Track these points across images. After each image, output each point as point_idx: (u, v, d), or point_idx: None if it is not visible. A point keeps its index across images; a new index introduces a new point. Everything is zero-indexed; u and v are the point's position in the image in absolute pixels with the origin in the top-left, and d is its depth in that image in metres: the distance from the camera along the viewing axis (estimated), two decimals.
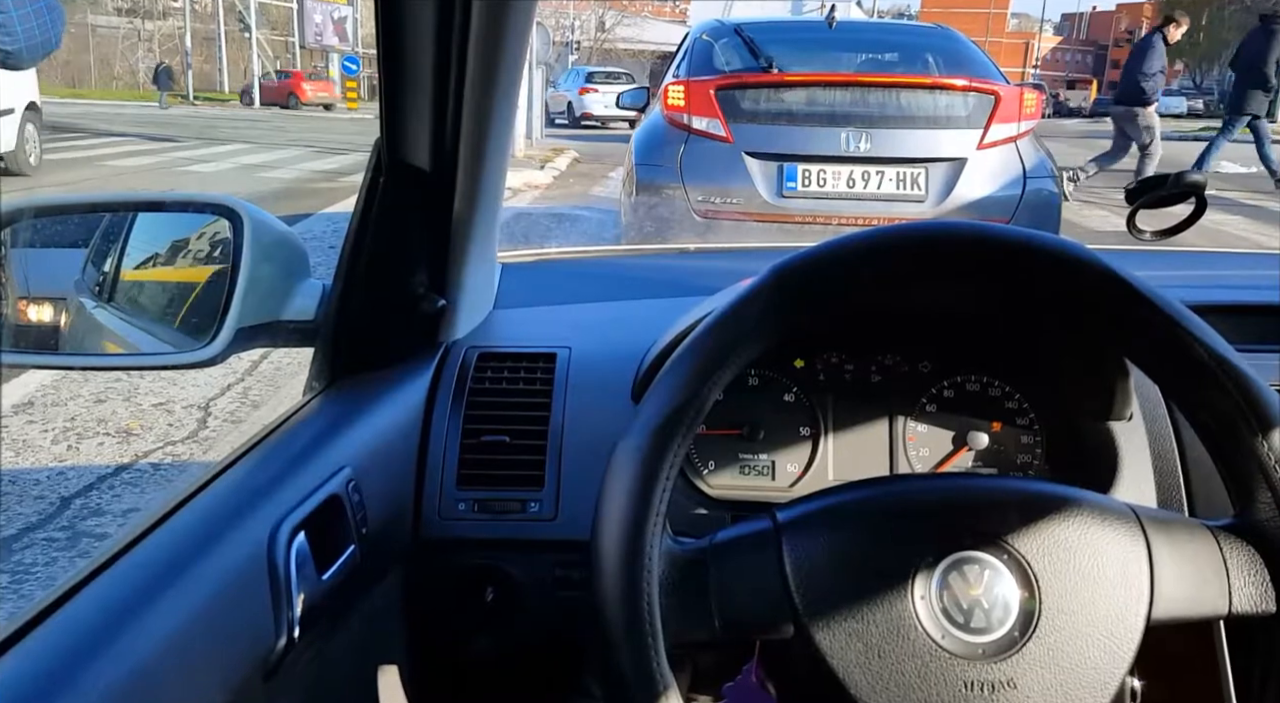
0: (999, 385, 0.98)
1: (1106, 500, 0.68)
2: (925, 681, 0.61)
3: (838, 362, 0.99)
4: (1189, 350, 0.64)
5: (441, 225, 0.92)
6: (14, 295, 1.00)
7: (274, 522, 0.68)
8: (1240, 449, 0.65)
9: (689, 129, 3.75)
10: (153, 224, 1.02)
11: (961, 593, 0.63)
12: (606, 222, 7.19)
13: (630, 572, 0.60)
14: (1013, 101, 3.70)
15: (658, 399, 0.64)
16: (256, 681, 0.64)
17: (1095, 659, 0.62)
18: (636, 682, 0.59)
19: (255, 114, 24.40)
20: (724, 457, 0.98)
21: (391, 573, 0.88)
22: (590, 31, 38.26)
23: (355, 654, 0.82)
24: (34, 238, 0.98)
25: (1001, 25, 64.85)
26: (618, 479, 0.63)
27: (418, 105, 0.82)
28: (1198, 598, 0.65)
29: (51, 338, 1.06)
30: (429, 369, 0.98)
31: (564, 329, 1.09)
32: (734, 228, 3.65)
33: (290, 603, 0.66)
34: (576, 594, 0.91)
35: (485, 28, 0.77)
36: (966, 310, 0.92)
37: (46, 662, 0.53)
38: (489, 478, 0.92)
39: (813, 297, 0.66)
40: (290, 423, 0.85)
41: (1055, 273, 0.66)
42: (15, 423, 3.26)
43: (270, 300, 0.89)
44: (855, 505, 0.67)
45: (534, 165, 10.95)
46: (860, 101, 3.70)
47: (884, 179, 3.64)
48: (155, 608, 0.58)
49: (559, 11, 35.08)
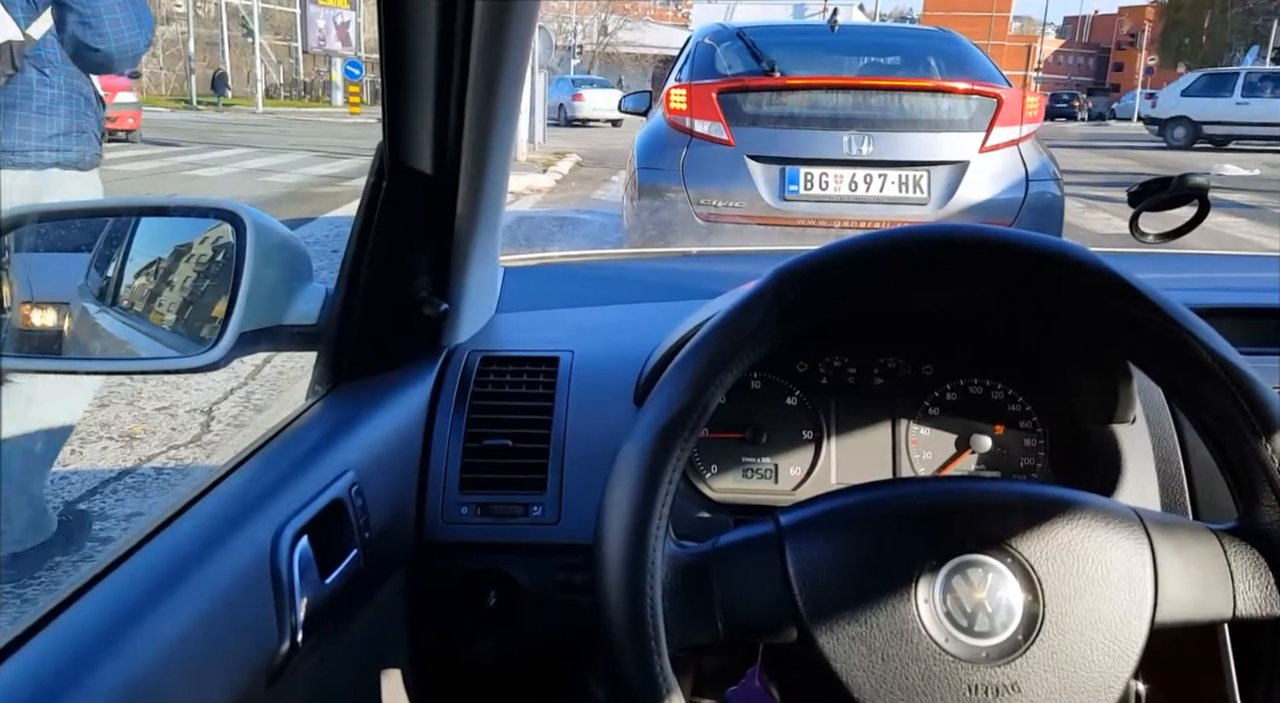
0: (1002, 389, 0.98)
1: (1110, 503, 0.68)
2: (929, 684, 0.61)
3: (840, 365, 0.99)
4: (1192, 353, 0.64)
5: (444, 229, 0.92)
6: (18, 300, 1.00)
7: (277, 526, 0.69)
8: (1243, 452, 0.65)
9: (691, 132, 3.76)
10: (156, 229, 1.02)
11: (965, 596, 0.63)
12: (609, 225, 7.20)
13: (633, 576, 0.60)
14: (1015, 105, 3.70)
15: (660, 403, 0.64)
16: (260, 685, 0.64)
17: (1099, 663, 0.62)
18: (639, 686, 0.59)
19: (259, 118, 24.44)
20: (727, 460, 0.98)
21: (394, 577, 0.88)
22: (592, 35, 38.34)
23: (358, 658, 0.82)
24: (38, 243, 0.98)
25: (1004, 28, 64.86)
26: (620, 483, 0.63)
27: (420, 109, 0.82)
28: (1202, 601, 0.64)
29: (55, 342, 1.06)
30: (431, 373, 0.98)
31: (566, 333, 1.09)
32: (736, 231, 3.65)
33: (293, 607, 0.66)
34: (579, 598, 0.91)
35: (488, 32, 0.78)
36: (969, 314, 0.92)
37: (50, 666, 0.53)
38: (491, 482, 0.92)
39: (815, 300, 0.66)
40: (293, 427, 0.85)
41: (1058, 276, 0.66)
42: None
43: (273, 305, 0.89)
44: (858, 509, 0.67)
45: (536, 169, 10.96)
46: (862, 105, 3.70)
47: (886, 182, 3.64)
48: (159, 612, 0.58)
49: (561, 16, 35.14)
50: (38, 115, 2.00)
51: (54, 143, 2.04)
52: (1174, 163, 12.60)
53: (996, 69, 4.09)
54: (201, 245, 0.98)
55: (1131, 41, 54.06)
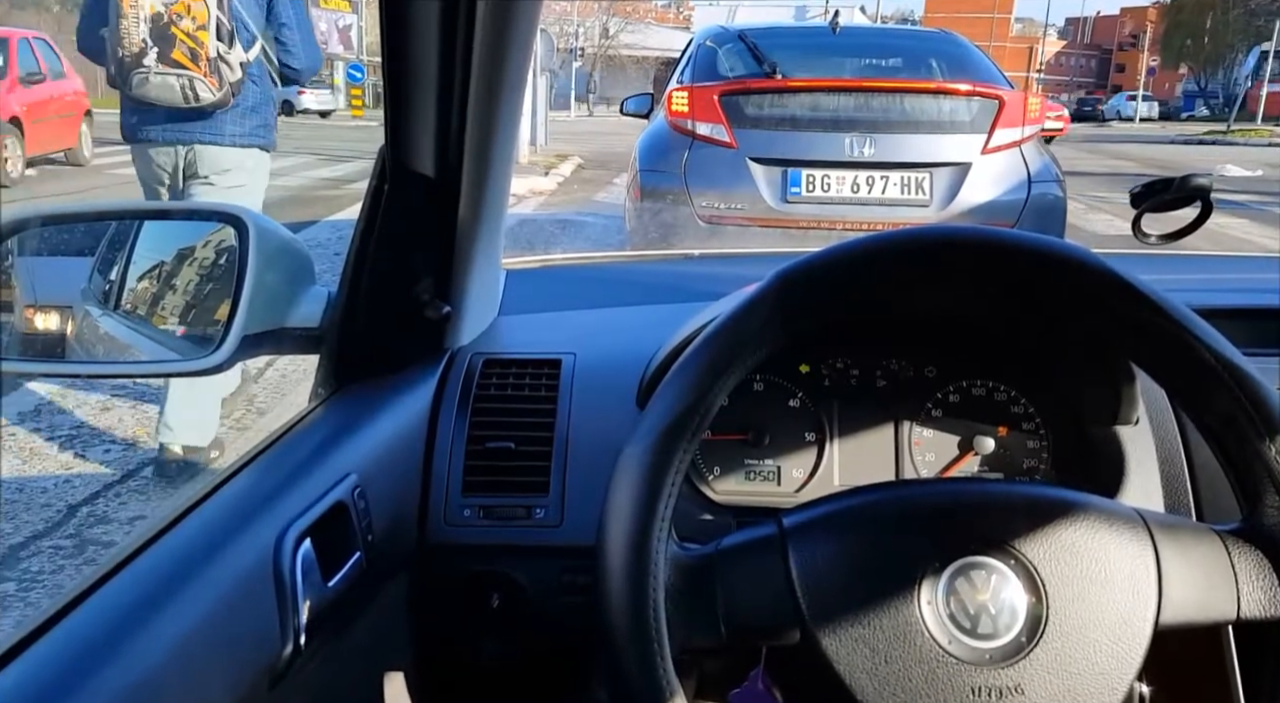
0: (1005, 390, 0.98)
1: (1113, 505, 0.67)
2: (932, 686, 0.61)
3: (843, 367, 0.99)
4: (1195, 354, 0.64)
5: (446, 232, 0.92)
6: (21, 303, 1.00)
7: (280, 529, 0.69)
8: (1247, 453, 0.64)
9: (693, 135, 3.76)
10: (158, 232, 1.02)
11: (968, 598, 0.63)
12: (611, 227, 7.20)
13: (636, 578, 0.60)
14: (1017, 106, 3.70)
15: (663, 405, 0.64)
16: (263, 688, 0.64)
17: (1103, 665, 0.62)
18: (642, 688, 0.59)
19: None
20: (729, 462, 0.98)
21: (397, 580, 0.88)
22: (594, 38, 38.37)
23: (361, 661, 0.82)
24: (41, 246, 0.98)
25: (1005, 29, 64.84)
26: (623, 485, 0.63)
27: (422, 112, 0.82)
28: (1206, 603, 0.64)
29: (58, 345, 1.06)
30: (434, 376, 0.98)
31: (569, 335, 1.09)
32: (738, 233, 3.65)
33: (296, 610, 0.66)
34: (582, 600, 0.90)
35: (490, 35, 0.78)
36: (971, 315, 0.92)
37: (53, 669, 0.53)
38: (494, 484, 0.92)
39: (817, 302, 0.65)
40: (296, 430, 0.85)
41: (1060, 277, 0.66)
42: (23, 430, 3.27)
43: (275, 308, 0.89)
44: (861, 511, 0.67)
45: (538, 171, 10.97)
46: (864, 106, 3.70)
47: (888, 184, 3.64)
48: (162, 615, 0.58)
49: (563, 18, 35.18)
50: (249, 112, 2.88)
51: (256, 132, 2.93)
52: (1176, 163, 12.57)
53: (998, 70, 4.09)
54: (204, 249, 0.98)
55: (1133, 42, 54.01)
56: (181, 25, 2.62)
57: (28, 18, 40.71)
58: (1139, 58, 49.88)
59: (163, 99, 2.70)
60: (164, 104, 2.72)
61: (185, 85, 2.67)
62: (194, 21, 2.62)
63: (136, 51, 2.63)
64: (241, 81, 2.77)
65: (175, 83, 2.67)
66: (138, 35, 2.61)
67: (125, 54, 2.64)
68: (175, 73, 2.66)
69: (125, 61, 2.65)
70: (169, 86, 2.67)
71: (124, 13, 2.61)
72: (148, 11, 2.60)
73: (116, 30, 2.63)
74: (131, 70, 2.65)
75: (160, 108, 2.74)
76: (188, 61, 2.65)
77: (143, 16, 2.60)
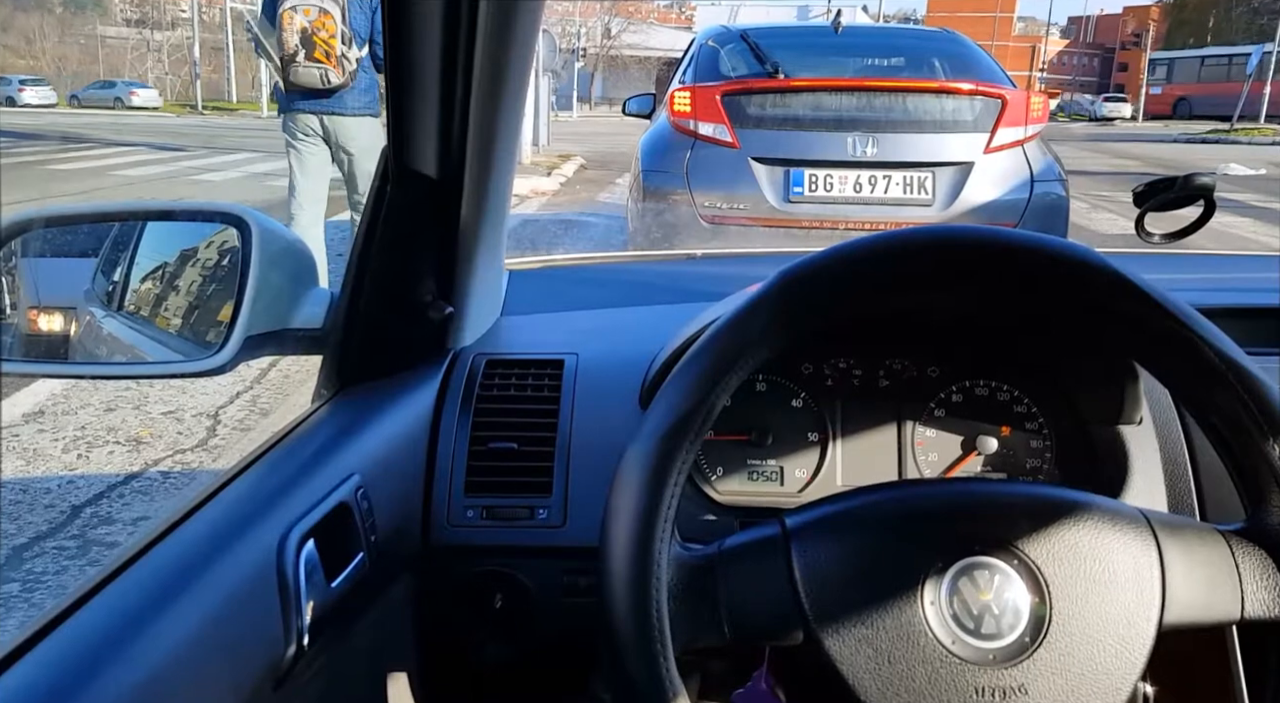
0: (1008, 390, 0.98)
1: (1117, 505, 0.67)
2: (935, 687, 0.61)
3: (846, 367, 0.99)
4: (1198, 354, 0.64)
5: (449, 232, 0.92)
6: (25, 305, 1.01)
7: (283, 530, 0.69)
8: (1251, 452, 0.64)
9: (695, 135, 3.76)
10: (162, 233, 1.02)
11: (971, 598, 0.63)
12: (613, 228, 7.21)
13: (639, 578, 0.60)
14: (1019, 105, 3.69)
15: (665, 405, 0.64)
16: (266, 689, 0.64)
17: (1106, 665, 0.62)
18: (646, 689, 0.59)
19: (263, 123, 24.51)
20: (732, 462, 0.98)
21: (400, 580, 0.88)
22: (596, 38, 38.38)
23: (365, 662, 0.82)
24: (44, 248, 0.98)
25: (1008, 29, 64.76)
26: (626, 485, 0.63)
27: (425, 113, 0.82)
28: (1210, 603, 0.64)
29: (62, 347, 1.07)
30: (437, 376, 0.98)
31: (571, 335, 1.09)
32: (741, 233, 3.65)
33: (300, 611, 0.66)
34: (585, 601, 0.90)
35: (492, 35, 0.78)
36: (974, 315, 0.92)
37: (57, 670, 0.53)
38: (497, 485, 0.92)
39: (820, 302, 0.65)
40: (299, 431, 0.85)
41: (1063, 277, 0.65)
42: (26, 432, 3.27)
43: (278, 308, 0.89)
44: (864, 511, 0.67)
45: (541, 172, 10.97)
46: (867, 106, 3.70)
47: (891, 184, 3.63)
48: (165, 616, 0.58)
49: (565, 19, 35.19)
50: (363, 92, 4.39)
51: (369, 105, 4.43)
52: (1179, 162, 12.54)
53: (1001, 69, 4.08)
54: (207, 250, 0.98)
55: (1136, 41, 53.87)
56: (320, 35, 4.16)
57: (31, 19, 40.80)
58: (1141, 56, 49.81)
59: (308, 83, 4.22)
60: (309, 86, 4.22)
61: (322, 74, 4.20)
62: (327, 32, 4.16)
63: (291, 53, 4.15)
64: (355, 71, 4.27)
65: (316, 72, 4.20)
66: (292, 43, 4.14)
67: (285, 54, 4.16)
68: (316, 66, 4.18)
69: (284, 60, 4.17)
70: (312, 75, 4.20)
71: (284, 27, 4.12)
72: (298, 27, 4.12)
73: (280, 40, 4.15)
74: (289, 65, 4.17)
75: (307, 89, 4.24)
76: (323, 58, 4.18)
77: (294, 30, 4.13)
